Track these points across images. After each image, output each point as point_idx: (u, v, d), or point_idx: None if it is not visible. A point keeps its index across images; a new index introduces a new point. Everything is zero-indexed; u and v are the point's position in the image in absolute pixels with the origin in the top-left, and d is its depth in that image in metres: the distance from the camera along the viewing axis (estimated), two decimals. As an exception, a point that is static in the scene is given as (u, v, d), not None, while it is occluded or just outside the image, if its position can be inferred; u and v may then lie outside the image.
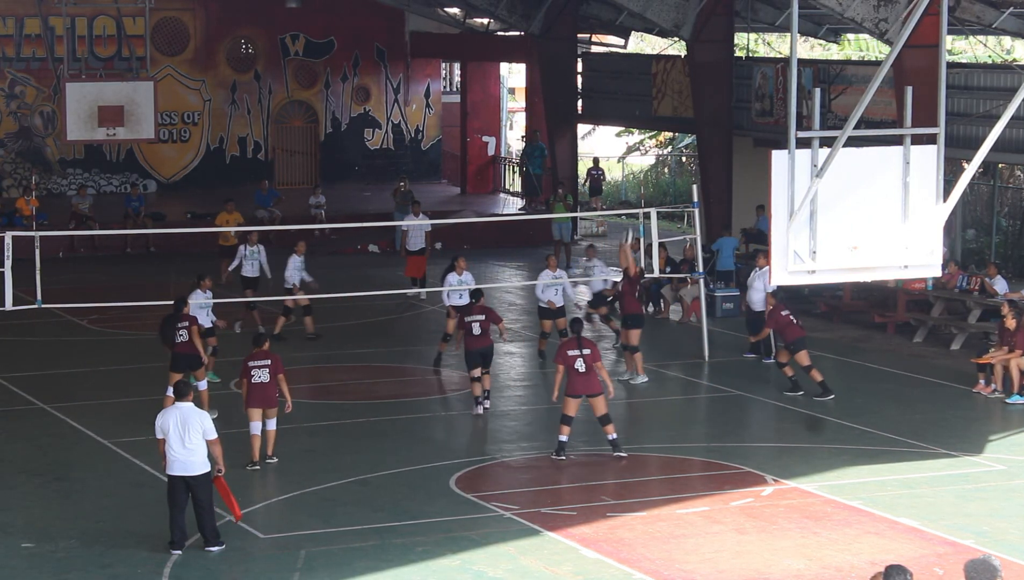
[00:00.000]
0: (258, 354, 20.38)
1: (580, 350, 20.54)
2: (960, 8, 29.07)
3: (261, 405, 20.25)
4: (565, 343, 20.98)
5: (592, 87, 42.79)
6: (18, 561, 16.81)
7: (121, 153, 45.37)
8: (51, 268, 26.32)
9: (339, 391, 24.91)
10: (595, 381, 20.61)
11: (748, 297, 27.05)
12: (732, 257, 31.74)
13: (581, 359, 20.50)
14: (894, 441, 21.54)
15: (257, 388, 20.20)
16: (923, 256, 15.55)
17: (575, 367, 20.51)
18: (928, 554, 16.93)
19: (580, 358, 20.50)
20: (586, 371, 20.51)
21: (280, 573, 16.42)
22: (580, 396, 20.66)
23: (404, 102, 48.35)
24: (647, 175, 53.44)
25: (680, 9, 34.48)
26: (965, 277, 28.58)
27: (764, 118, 35.25)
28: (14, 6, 43.69)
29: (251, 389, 20.22)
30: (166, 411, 17.04)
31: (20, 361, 26.63)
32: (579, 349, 20.55)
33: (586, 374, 20.53)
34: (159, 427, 16.93)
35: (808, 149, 15.06)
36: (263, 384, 20.22)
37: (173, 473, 16.86)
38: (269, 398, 20.30)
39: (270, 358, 20.39)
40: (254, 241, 29.07)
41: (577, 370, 20.51)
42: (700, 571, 16.45)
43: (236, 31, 46.43)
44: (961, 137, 29.50)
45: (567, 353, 20.61)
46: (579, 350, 20.54)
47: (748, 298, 27.05)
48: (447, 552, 16.97)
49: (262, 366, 20.23)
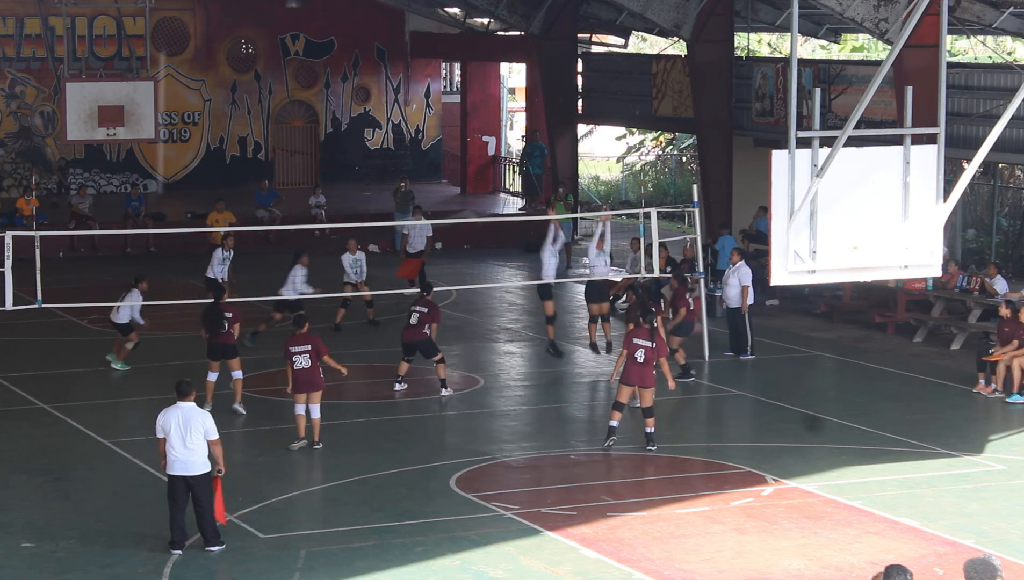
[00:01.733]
0: (299, 338, 20.92)
1: (648, 341, 20.81)
2: (960, 8, 29.06)
3: (306, 390, 20.82)
4: (634, 331, 21.21)
5: (592, 87, 42.78)
6: (18, 561, 16.81)
7: (121, 153, 45.37)
8: (51, 268, 26.30)
9: (339, 391, 24.90)
10: (650, 373, 20.84)
11: (724, 293, 27.25)
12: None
13: (643, 350, 20.75)
14: (894, 441, 21.54)
15: (300, 374, 20.77)
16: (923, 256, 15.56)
17: (635, 356, 20.72)
18: (928, 554, 16.93)
19: (643, 349, 20.76)
20: (644, 362, 20.76)
21: (280, 573, 16.42)
22: (633, 385, 20.96)
23: (404, 102, 48.36)
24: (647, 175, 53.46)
25: (680, 9, 34.47)
26: (965, 277, 28.59)
27: (764, 118, 35.25)
28: (14, 6, 43.69)
29: (294, 375, 20.75)
30: (167, 410, 17.01)
31: (20, 361, 26.63)
32: (648, 340, 20.82)
33: (643, 365, 20.78)
34: (160, 426, 16.92)
35: (808, 149, 15.07)
36: (305, 370, 20.75)
37: (173, 473, 16.86)
38: (313, 382, 20.84)
39: (309, 341, 20.89)
40: (230, 246, 28.95)
41: (636, 359, 20.74)
42: (700, 571, 16.45)
43: (236, 31, 46.43)
44: (961, 137, 29.49)
45: (633, 341, 20.91)
46: (647, 341, 20.82)
47: (724, 294, 27.26)
48: (447, 552, 16.97)
49: (302, 351, 20.78)
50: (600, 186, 53.36)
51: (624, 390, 20.95)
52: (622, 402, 21.00)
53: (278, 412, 23.12)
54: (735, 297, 26.89)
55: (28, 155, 44.42)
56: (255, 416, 22.89)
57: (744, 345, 26.90)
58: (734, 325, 26.99)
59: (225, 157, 46.56)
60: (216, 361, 22.87)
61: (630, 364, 20.83)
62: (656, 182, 52.23)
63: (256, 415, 22.95)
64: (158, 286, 31.77)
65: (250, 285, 29.42)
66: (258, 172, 44.81)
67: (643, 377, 20.86)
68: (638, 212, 29.20)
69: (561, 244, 27.48)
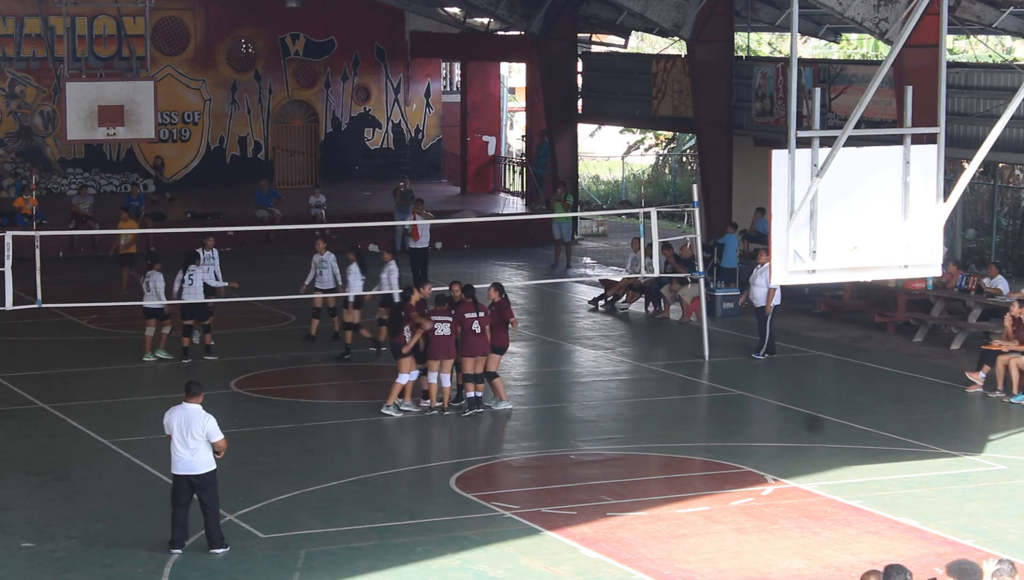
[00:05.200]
0: (439, 310, 22.40)
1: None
2: (960, 8, 29.07)
3: (441, 357, 22.39)
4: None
5: (592, 87, 42.79)
6: (18, 561, 16.81)
7: (121, 153, 45.37)
8: (51, 268, 26.31)
9: (339, 391, 24.91)
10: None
11: (751, 293, 27.13)
12: (736, 255, 31.74)
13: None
14: (894, 441, 21.54)
15: (439, 341, 22.27)
16: (923, 256, 15.55)
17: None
18: (928, 554, 16.93)
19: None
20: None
21: (280, 573, 16.42)
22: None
23: (404, 102, 48.36)
24: (647, 175, 53.48)
25: (680, 9, 34.47)
26: (964, 277, 28.56)
27: (764, 118, 35.25)
28: (14, 6, 43.69)
29: (432, 341, 22.30)
30: (173, 410, 17.00)
31: (20, 361, 26.62)
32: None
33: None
34: (165, 424, 16.95)
35: (808, 149, 15.06)
36: (444, 338, 22.29)
37: (177, 472, 16.85)
38: (449, 351, 22.46)
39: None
40: (210, 246, 28.08)
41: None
42: (700, 571, 16.45)
43: (236, 31, 46.43)
44: (961, 137, 29.50)
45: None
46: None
47: (751, 294, 27.13)
48: (447, 552, 16.97)
49: (443, 321, 22.27)
50: (600, 186, 53.38)
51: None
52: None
53: (278, 412, 23.14)
54: (762, 297, 26.69)
55: (28, 155, 44.43)
56: (255, 416, 22.88)
57: (760, 345, 26.82)
58: (762, 326, 26.83)
59: (225, 157, 46.56)
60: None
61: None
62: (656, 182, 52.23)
63: (256, 415, 22.95)
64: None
65: (257, 285, 29.31)
66: (258, 172, 44.80)
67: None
68: (638, 212, 29.20)
69: (393, 278, 26.48)
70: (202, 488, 16.80)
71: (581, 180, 46.34)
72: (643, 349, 28.38)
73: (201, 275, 26.30)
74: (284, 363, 26.57)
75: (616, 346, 28.29)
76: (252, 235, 37.52)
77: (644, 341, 29.31)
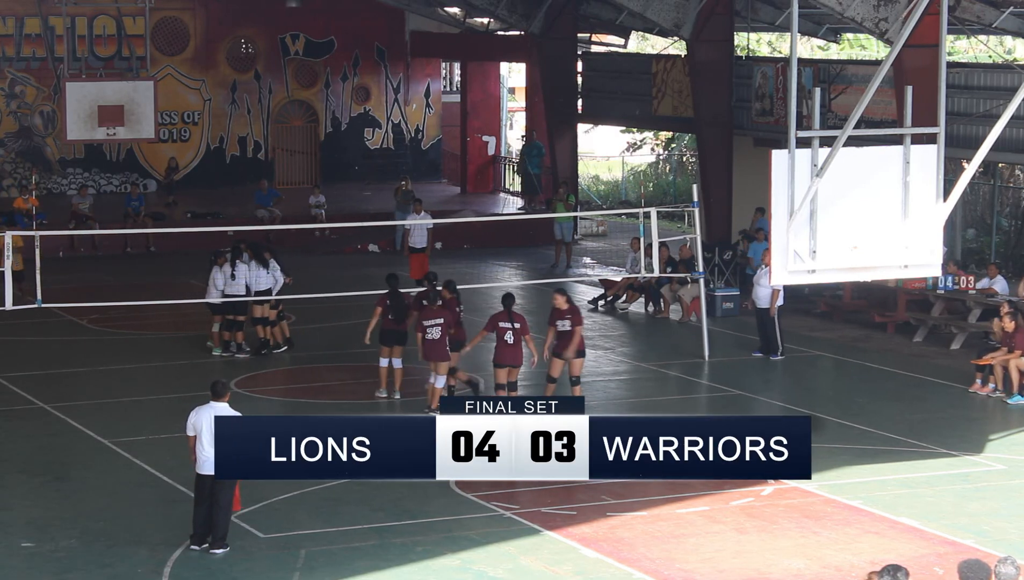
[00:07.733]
0: (433, 312, 22.33)
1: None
2: (960, 8, 29.07)
3: (434, 359, 22.34)
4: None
5: (592, 87, 42.78)
6: (18, 561, 16.82)
7: (121, 153, 45.37)
8: (51, 268, 26.30)
9: (339, 391, 24.91)
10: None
11: (754, 293, 27.11)
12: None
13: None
14: (894, 441, 21.54)
15: (430, 344, 22.21)
16: (923, 255, 15.55)
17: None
18: (928, 554, 16.94)
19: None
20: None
21: (280, 573, 16.42)
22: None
23: (404, 102, 48.35)
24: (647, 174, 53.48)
25: (680, 9, 34.47)
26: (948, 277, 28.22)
27: (764, 118, 35.25)
28: (14, 6, 43.68)
29: (424, 344, 22.24)
30: (199, 409, 16.82)
31: (20, 361, 26.62)
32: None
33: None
34: (191, 424, 16.80)
35: (808, 149, 15.07)
36: (434, 341, 22.19)
37: (203, 472, 16.77)
38: (441, 354, 22.37)
39: (442, 315, 22.29)
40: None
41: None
42: (700, 571, 16.46)
43: (236, 31, 46.42)
44: (961, 137, 29.48)
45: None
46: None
47: (754, 294, 27.11)
48: (447, 552, 16.98)
49: (435, 325, 22.18)
50: (600, 186, 53.38)
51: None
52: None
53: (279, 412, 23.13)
54: (765, 297, 26.61)
55: (28, 155, 44.42)
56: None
57: (773, 347, 26.81)
58: (763, 326, 26.82)
59: (225, 157, 46.55)
60: (387, 346, 23.66)
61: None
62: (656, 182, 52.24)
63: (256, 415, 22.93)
64: (158, 286, 31.88)
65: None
66: (258, 172, 44.78)
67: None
68: (638, 212, 29.20)
69: (279, 283, 26.40)
70: (222, 487, 16.74)
71: (581, 180, 46.33)
72: (643, 349, 28.37)
73: (244, 273, 26.21)
74: (284, 363, 26.58)
75: (616, 346, 28.29)
76: (252, 235, 37.45)
77: (644, 341, 29.31)
